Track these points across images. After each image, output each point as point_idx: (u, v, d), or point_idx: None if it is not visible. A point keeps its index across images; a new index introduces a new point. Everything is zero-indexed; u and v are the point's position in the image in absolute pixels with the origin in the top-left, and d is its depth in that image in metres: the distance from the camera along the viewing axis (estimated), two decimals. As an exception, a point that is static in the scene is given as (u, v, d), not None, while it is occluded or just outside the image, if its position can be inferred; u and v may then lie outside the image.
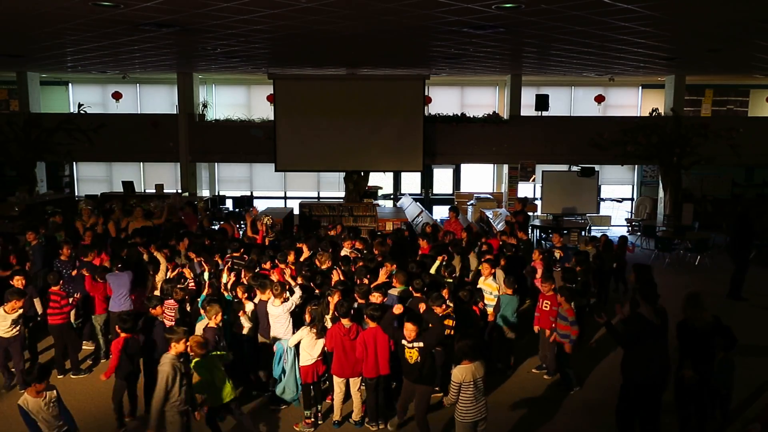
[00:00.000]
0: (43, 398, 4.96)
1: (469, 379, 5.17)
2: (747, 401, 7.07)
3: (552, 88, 18.30)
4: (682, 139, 15.18)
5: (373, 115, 15.94)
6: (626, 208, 19.10)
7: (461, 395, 5.18)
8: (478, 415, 5.24)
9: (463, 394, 5.18)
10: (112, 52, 12.87)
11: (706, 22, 9.19)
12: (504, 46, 11.92)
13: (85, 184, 19.30)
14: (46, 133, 15.11)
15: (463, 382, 5.16)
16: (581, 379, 7.65)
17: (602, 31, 9.89)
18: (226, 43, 11.51)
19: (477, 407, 5.22)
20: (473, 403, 5.20)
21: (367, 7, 8.37)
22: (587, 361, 8.26)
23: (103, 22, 9.37)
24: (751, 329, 9.39)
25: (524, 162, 17.16)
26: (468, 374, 5.17)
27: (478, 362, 5.25)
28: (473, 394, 5.19)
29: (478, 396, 5.22)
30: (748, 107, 19.28)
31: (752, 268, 11.91)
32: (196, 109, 17.30)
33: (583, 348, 8.68)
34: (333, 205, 15.15)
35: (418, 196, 19.30)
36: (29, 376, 4.99)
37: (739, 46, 11.33)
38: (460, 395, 5.18)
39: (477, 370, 5.22)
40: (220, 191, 19.35)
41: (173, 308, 7.36)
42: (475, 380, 5.19)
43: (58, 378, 7.49)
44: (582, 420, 6.74)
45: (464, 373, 5.17)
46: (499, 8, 8.26)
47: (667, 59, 13.25)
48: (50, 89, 18.73)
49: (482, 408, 5.26)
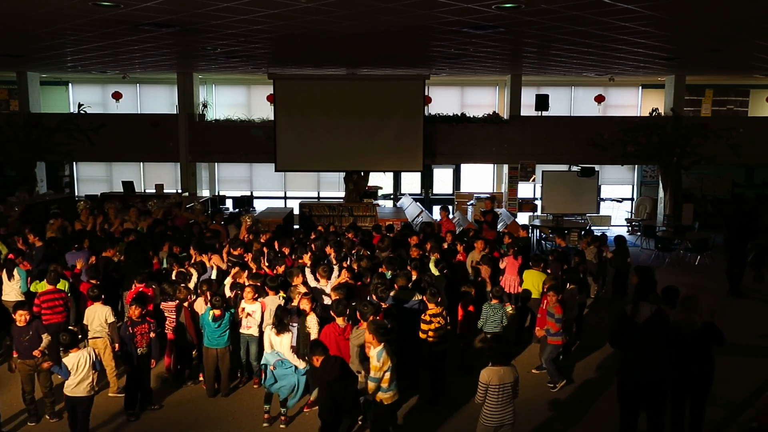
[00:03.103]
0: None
1: (496, 383, 5.09)
2: (747, 401, 7.07)
3: (552, 88, 18.29)
4: (682, 139, 15.17)
5: (373, 115, 15.93)
6: (626, 208, 19.10)
7: (488, 398, 5.12)
8: (503, 421, 5.15)
9: (489, 397, 5.12)
10: (112, 52, 12.86)
11: (706, 22, 9.19)
12: (504, 46, 11.92)
13: (85, 184, 19.29)
14: (46, 133, 15.11)
15: (490, 384, 5.10)
16: (582, 381, 7.64)
17: (602, 31, 9.88)
18: (226, 43, 11.50)
19: (502, 412, 5.13)
20: (498, 408, 5.12)
21: (367, 7, 8.36)
22: (588, 361, 8.26)
23: (103, 22, 9.36)
24: (751, 329, 9.40)
25: (524, 162, 17.16)
26: (495, 377, 5.10)
27: (508, 367, 5.17)
28: (499, 399, 5.11)
29: (504, 401, 5.13)
30: (748, 107, 19.27)
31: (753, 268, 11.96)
32: (196, 109, 17.30)
33: (583, 348, 8.70)
34: (333, 205, 15.14)
35: (418, 196, 19.29)
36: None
37: (739, 46, 11.32)
38: (487, 398, 5.13)
39: (506, 375, 5.13)
40: (220, 191, 19.35)
41: (172, 310, 7.38)
42: (502, 384, 5.10)
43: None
44: (581, 421, 6.74)
45: (491, 376, 5.11)
46: (499, 8, 8.25)
47: (667, 59, 13.24)
48: (50, 89, 18.72)
49: (508, 415, 5.16)
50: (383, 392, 5.51)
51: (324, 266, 7.82)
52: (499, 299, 7.74)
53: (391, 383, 5.52)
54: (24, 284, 8.13)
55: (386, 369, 5.42)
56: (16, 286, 8.11)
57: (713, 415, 6.47)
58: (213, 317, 6.80)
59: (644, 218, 17.42)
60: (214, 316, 6.80)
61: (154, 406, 6.83)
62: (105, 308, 7.04)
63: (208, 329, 6.88)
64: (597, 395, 7.30)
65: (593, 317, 9.98)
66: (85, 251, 9.09)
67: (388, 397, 5.55)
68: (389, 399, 5.57)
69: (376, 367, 5.43)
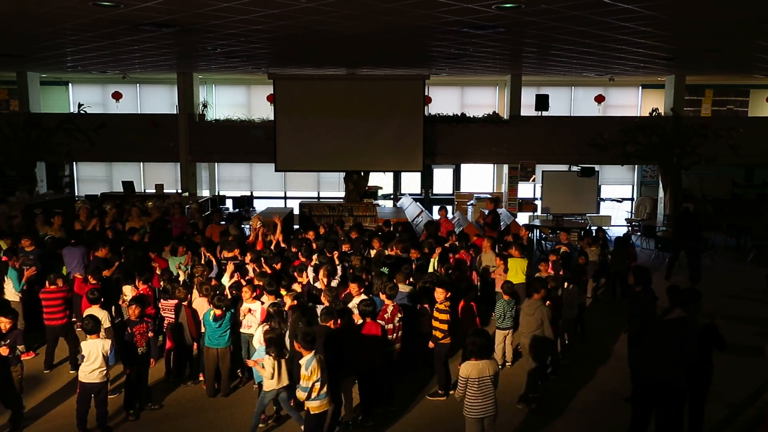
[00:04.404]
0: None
1: (475, 376, 5.24)
2: (747, 401, 7.07)
3: (552, 88, 18.29)
4: (682, 139, 15.16)
5: (373, 115, 15.93)
6: (626, 208, 19.10)
7: (468, 391, 5.27)
8: (485, 413, 5.29)
9: (470, 390, 5.27)
10: (112, 52, 12.86)
11: (706, 21, 9.19)
12: (504, 46, 11.92)
13: (85, 184, 19.30)
14: (46, 133, 15.10)
15: (469, 377, 5.25)
16: (582, 382, 7.63)
17: (602, 31, 9.88)
18: (226, 43, 11.50)
19: (483, 404, 5.28)
20: (479, 400, 5.27)
21: (367, 7, 8.36)
22: (589, 362, 8.26)
23: (103, 22, 9.37)
24: (750, 329, 9.40)
25: (524, 162, 17.16)
26: (474, 371, 5.25)
27: (487, 361, 5.31)
28: (479, 392, 5.26)
29: (485, 393, 5.28)
30: (748, 107, 19.27)
31: (754, 268, 11.96)
32: (196, 109, 17.29)
33: (585, 349, 8.70)
34: (333, 205, 15.14)
35: (418, 196, 19.30)
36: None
37: (739, 46, 11.33)
38: (467, 391, 5.27)
39: (485, 369, 5.28)
40: (220, 191, 19.35)
41: (171, 309, 7.39)
42: (481, 378, 5.25)
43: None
44: (581, 422, 6.74)
45: (470, 370, 5.26)
46: (499, 8, 8.25)
47: (667, 59, 13.24)
48: (50, 89, 18.72)
49: (490, 406, 5.31)
50: (310, 401, 5.47)
51: (327, 266, 7.83)
52: (511, 295, 7.74)
53: (321, 393, 5.45)
54: (17, 284, 8.14)
55: (315, 379, 5.36)
56: (10, 286, 8.14)
57: (713, 415, 6.46)
58: (214, 317, 6.80)
59: (644, 218, 17.43)
60: (215, 315, 6.80)
61: (153, 405, 6.83)
62: (103, 312, 7.06)
63: (208, 329, 6.89)
64: (597, 395, 7.29)
65: (593, 318, 9.97)
66: (82, 247, 9.15)
67: (316, 406, 5.50)
68: (317, 408, 5.51)
69: (305, 376, 5.38)
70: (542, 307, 6.89)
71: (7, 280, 8.18)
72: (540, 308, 6.86)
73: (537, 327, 6.83)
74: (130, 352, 6.52)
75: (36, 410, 6.75)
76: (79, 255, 9.02)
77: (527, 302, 7.02)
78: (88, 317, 6.28)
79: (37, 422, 6.53)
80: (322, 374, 5.43)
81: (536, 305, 6.87)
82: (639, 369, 5.79)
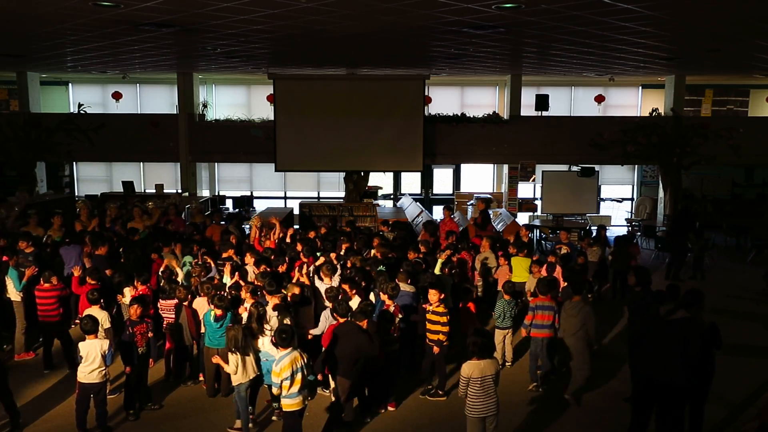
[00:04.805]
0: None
1: (477, 376, 5.28)
2: (747, 401, 7.07)
3: (552, 88, 18.29)
4: (682, 139, 15.17)
5: (373, 115, 15.93)
6: (626, 208, 19.10)
7: (469, 390, 5.30)
8: (487, 412, 5.33)
9: (471, 390, 5.30)
10: (112, 52, 12.86)
11: (706, 22, 9.19)
12: (504, 46, 11.92)
13: (85, 184, 19.30)
14: (46, 133, 15.10)
15: (471, 377, 5.28)
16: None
17: (602, 31, 9.88)
18: (226, 43, 11.50)
19: (485, 404, 5.31)
20: (481, 399, 5.30)
21: (367, 7, 8.36)
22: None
23: (103, 22, 9.36)
24: (750, 329, 9.40)
25: (524, 162, 17.16)
26: (475, 370, 5.29)
27: (488, 360, 5.36)
28: (481, 391, 5.29)
29: (487, 393, 5.31)
30: (748, 107, 19.28)
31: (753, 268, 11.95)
32: (196, 109, 17.30)
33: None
34: (333, 205, 15.14)
35: (418, 196, 19.30)
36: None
37: (739, 46, 11.33)
38: (468, 390, 5.31)
39: (486, 368, 5.32)
40: (220, 191, 19.35)
41: (170, 309, 7.38)
42: (483, 377, 5.29)
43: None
44: (582, 422, 6.74)
45: (471, 369, 5.30)
46: (499, 8, 8.25)
47: (667, 59, 13.24)
48: (50, 89, 18.72)
49: (492, 405, 5.35)
50: (284, 399, 5.49)
51: (327, 266, 7.82)
52: (512, 295, 7.78)
53: (291, 391, 5.43)
54: (17, 284, 8.14)
55: (284, 377, 5.36)
56: (11, 286, 8.12)
57: (713, 415, 6.46)
58: (214, 317, 6.80)
59: (644, 218, 17.43)
60: (216, 315, 6.80)
61: (153, 405, 6.83)
62: (102, 313, 7.05)
63: (209, 329, 6.88)
64: (598, 395, 7.29)
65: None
66: (77, 246, 9.21)
67: (287, 404, 5.51)
68: (288, 407, 5.51)
69: (275, 373, 5.41)
70: (585, 307, 6.83)
71: (8, 280, 8.17)
72: (583, 309, 6.80)
73: (580, 327, 6.77)
74: (130, 352, 6.52)
75: (36, 410, 6.74)
76: (75, 254, 9.09)
77: (569, 303, 6.92)
78: (86, 317, 6.28)
79: (37, 422, 6.53)
80: (297, 374, 5.44)
81: (579, 306, 6.82)
82: (641, 369, 5.78)
